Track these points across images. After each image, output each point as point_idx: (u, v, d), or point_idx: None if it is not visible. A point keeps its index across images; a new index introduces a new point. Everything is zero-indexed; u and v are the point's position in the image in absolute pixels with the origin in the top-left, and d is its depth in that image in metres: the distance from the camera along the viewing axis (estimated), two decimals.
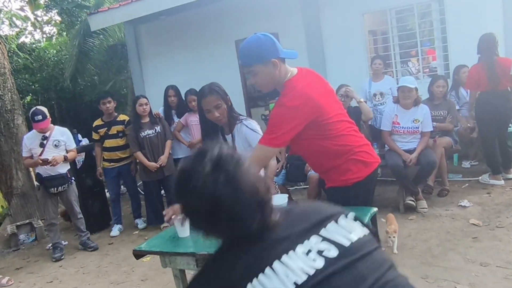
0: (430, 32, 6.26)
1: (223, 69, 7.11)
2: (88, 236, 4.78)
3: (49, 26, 13.82)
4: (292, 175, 4.60)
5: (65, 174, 4.47)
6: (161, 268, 3.34)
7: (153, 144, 4.81)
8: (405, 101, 4.21)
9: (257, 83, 2.14)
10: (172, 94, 5.15)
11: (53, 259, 4.51)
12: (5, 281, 4.09)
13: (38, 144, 4.39)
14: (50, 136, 4.43)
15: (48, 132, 4.44)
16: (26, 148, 4.44)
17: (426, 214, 4.05)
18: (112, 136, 5.03)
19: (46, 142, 4.40)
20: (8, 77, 6.17)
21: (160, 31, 7.75)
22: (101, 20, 7.33)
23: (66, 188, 4.48)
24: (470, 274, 2.86)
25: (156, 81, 7.47)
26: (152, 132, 4.81)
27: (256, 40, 2.07)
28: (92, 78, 11.49)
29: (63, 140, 4.50)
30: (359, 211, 2.19)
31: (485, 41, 4.48)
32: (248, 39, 2.09)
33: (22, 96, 9.24)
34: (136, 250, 2.18)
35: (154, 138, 4.81)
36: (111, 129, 5.04)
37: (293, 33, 6.56)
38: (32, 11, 7.62)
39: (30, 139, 4.46)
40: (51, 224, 4.54)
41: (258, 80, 2.12)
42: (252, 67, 2.07)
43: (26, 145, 4.45)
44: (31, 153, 4.42)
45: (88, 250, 4.64)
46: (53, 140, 4.43)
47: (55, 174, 4.40)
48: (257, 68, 2.06)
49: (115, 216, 5.23)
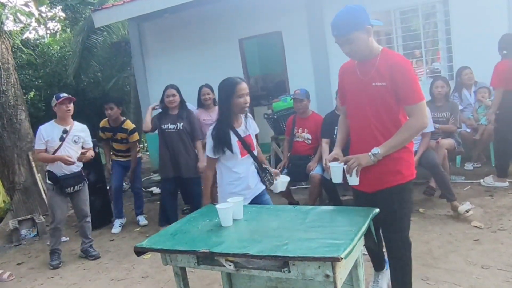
0: (434, 33, 6.25)
1: (227, 67, 7.10)
2: (92, 243, 4.45)
3: (53, 22, 13.84)
4: (294, 175, 4.59)
5: (80, 172, 4.23)
6: (162, 266, 3.36)
7: (173, 140, 4.44)
8: None
9: (352, 51, 2.22)
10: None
11: (50, 267, 4.20)
12: (6, 276, 4.09)
13: (58, 137, 4.07)
14: (70, 131, 4.14)
15: (69, 126, 4.16)
16: (43, 140, 4.04)
17: (427, 216, 4.04)
18: (117, 140, 5.15)
19: (66, 136, 4.11)
20: (11, 73, 6.18)
21: (164, 28, 7.75)
22: (105, 17, 7.34)
23: (81, 188, 4.26)
24: (471, 277, 2.85)
25: (159, 79, 7.48)
26: (173, 127, 4.46)
27: (351, 10, 2.19)
28: (96, 75, 11.51)
29: (83, 137, 4.24)
30: (360, 212, 2.19)
31: (510, 40, 4.40)
32: (342, 11, 2.21)
33: (25, 92, 9.24)
34: (137, 247, 2.17)
35: (174, 133, 4.45)
36: (116, 134, 5.11)
37: (297, 32, 6.56)
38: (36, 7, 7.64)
39: (48, 131, 4.08)
40: (56, 228, 4.22)
41: (353, 47, 2.20)
42: (349, 35, 2.16)
43: (43, 136, 4.05)
44: (46, 145, 4.06)
45: (90, 259, 4.31)
46: (73, 135, 4.15)
47: (71, 173, 4.14)
48: (354, 36, 2.16)
49: (116, 209, 5.20)
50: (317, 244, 1.81)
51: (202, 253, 1.94)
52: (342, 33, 2.18)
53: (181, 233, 2.23)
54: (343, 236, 1.87)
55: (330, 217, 2.18)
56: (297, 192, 5.36)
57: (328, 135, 4.44)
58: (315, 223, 2.11)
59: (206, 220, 2.38)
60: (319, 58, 6.40)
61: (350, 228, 1.95)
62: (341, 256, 1.67)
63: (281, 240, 1.92)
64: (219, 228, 2.22)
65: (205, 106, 4.88)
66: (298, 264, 1.78)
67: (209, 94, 4.81)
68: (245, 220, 2.31)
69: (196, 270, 3.29)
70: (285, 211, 2.42)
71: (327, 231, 1.96)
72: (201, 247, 1.96)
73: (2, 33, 6.17)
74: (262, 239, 1.97)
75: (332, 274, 1.72)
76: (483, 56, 4.81)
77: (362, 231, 1.95)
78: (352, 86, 2.37)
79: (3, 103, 6.01)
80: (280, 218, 2.27)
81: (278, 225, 2.15)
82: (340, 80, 2.49)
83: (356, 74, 2.31)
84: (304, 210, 2.34)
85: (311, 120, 4.64)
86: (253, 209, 2.49)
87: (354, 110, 2.39)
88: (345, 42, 2.19)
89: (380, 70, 2.21)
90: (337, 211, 2.29)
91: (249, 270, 1.92)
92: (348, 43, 2.18)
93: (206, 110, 4.86)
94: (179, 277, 2.28)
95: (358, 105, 2.33)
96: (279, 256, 1.78)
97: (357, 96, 2.32)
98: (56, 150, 4.07)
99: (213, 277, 3.29)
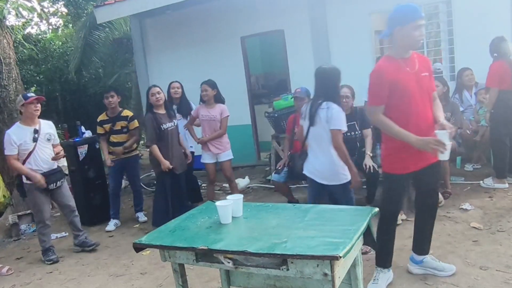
0: (437, 34, 6.23)
1: (228, 65, 7.11)
2: (86, 235, 4.49)
3: (55, 17, 13.84)
4: (294, 174, 4.59)
5: (59, 169, 4.24)
6: (160, 262, 3.36)
7: (173, 136, 4.53)
8: None
9: (422, 35, 2.59)
10: (176, 86, 5.16)
11: (48, 262, 4.18)
12: (5, 271, 4.10)
13: (31, 139, 4.01)
14: (40, 130, 4.09)
15: (37, 126, 4.09)
16: (14, 144, 3.93)
17: None
18: (117, 131, 5.04)
19: (38, 136, 4.05)
20: (13, 67, 6.19)
21: (166, 25, 7.74)
22: (107, 13, 7.33)
23: (62, 183, 4.25)
24: (469, 278, 2.85)
25: (161, 76, 7.48)
26: (171, 125, 4.54)
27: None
28: (97, 71, 11.50)
29: (53, 134, 4.21)
30: (360, 211, 2.20)
31: (500, 43, 4.43)
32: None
33: (26, 87, 9.25)
34: (136, 243, 2.18)
35: (174, 130, 4.56)
36: (116, 124, 5.04)
37: (299, 30, 6.55)
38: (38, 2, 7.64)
39: (18, 134, 3.98)
40: (45, 225, 4.21)
41: (423, 32, 2.59)
42: (423, 19, 2.56)
43: (13, 141, 3.93)
44: (18, 150, 3.96)
45: (89, 248, 4.37)
46: (45, 134, 4.12)
47: (51, 169, 4.12)
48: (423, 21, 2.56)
49: (113, 210, 5.19)
50: (316, 242, 1.82)
51: (201, 250, 1.95)
52: (420, 16, 2.54)
53: (180, 230, 2.24)
54: (342, 235, 1.87)
55: (330, 216, 2.18)
56: (297, 190, 5.37)
57: None
58: (314, 221, 2.11)
59: (206, 217, 2.38)
60: (321, 56, 6.38)
61: (349, 227, 1.95)
62: (340, 254, 1.67)
63: (280, 238, 1.92)
64: (218, 225, 2.23)
65: (206, 102, 4.86)
66: (296, 262, 1.78)
67: (207, 91, 4.75)
68: (244, 218, 2.32)
69: (194, 267, 3.30)
70: (285, 209, 2.42)
71: (326, 229, 1.97)
72: (200, 244, 1.97)
73: (4, 28, 6.17)
74: (261, 237, 1.97)
75: (330, 273, 1.73)
76: (486, 57, 4.79)
77: (361, 230, 1.96)
78: (407, 80, 2.62)
79: (4, 97, 6.02)
80: (279, 216, 2.27)
81: (278, 223, 2.16)
82: (387, 81, 2.60)
83: (405, 70, 2.62)
84: (303, 209, 2.34)
85: None
86: (252, 207, 2.49)
87: (412, 99, 2.62)
88: (420, 27, 2.54)
89: (421, 63, 2.68)
90: (337, 210, 2.30)
91: (248, 268, 1.93)
92: (423, 27, 2.57)
93: (206, 106, 4.84)
94: (177, 274, 2.28)
95: (415, 95, 2.62)
96: (277, 254, 1.78)
97: (413, 88, 2.62)
98: (30, 152, 4.01)
99: (212, 274, 3.30)
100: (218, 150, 4.76)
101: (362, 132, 4.39)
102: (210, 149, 4.74)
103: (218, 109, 4.75)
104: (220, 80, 4.98)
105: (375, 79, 2.67)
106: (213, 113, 4.74)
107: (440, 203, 4.22)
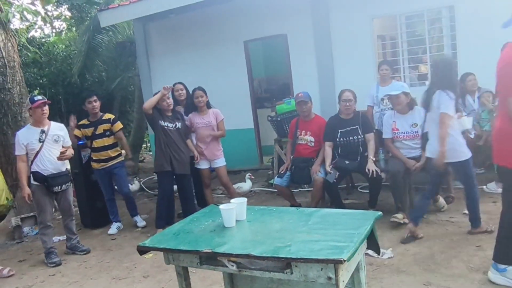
0: (440, 39, 6.24)
1: (231, 69, 7.13)
2: (78, 239, 4.54)
3: (59, 21, 13.89)
4: (297, 177, 4.59)
5: (67, 172, 4.29)
6: (163, 266, 3.36)
7: (171, 137, 4.54)
8: (397, 107, 4.19)
9: None
10: (179, 88, 5.10)
11: (51, 265, 4.20)
12: (6, 272, 4.11)
13: (37, 139, 4.10)
14: (48, 131, 4.18)
15: (46, 127, 4.19)
16: (22, 145, 4.09)
17: (430, 221, 4.03)
18: (100, 135, 4.96)
19: (45, 137, 4.14)
20: (17, 70, 6.20)
21: (169, 29, 7.78)
22: (110, 17, 7.38)
23: (68, 187, 4.31)
24: (473, 282, 2.84)
25: (164, 79, 7.49)
26: (172, 126, 4.56)
27: None
28: (100, 74, 11.54)
29: (62, 136, 4.27)
30: (363, 215, 2.20)
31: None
32: None
33: (30, 90, 9.27)
34: (140, 246, 2.18)
35: (174, 131, 4.57)
36: (98, 128, 4.96)
37: (302, 34, 6.58)
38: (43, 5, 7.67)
39: (25, 134, 4.14)
40: (47, 226, 4.27)
41: None
42: None
43: (21, 142, 4.08)
44: (26, 150, 4.11)
45: (80, 253, 4.40)
46: (53, 135, 4.18)
47: (59, 172, 4.17)
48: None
49: (112, 215, 5.18)
50: (320, 246, 1.82)
51: (205, 253, 1.95)
52: None
53: (184, 233, 2.24)
54: (346, 238, 1.87)
55: (333, 219, 2.18)
56: (299, 194, 5.36)
57: (331, 138, 4.43)
58: (318, 225, 2.11)
59: (209, 221, 2.39)
60: (324, 61, 6.41)
61: (353, 231, 1.95)
62: (344, 258, 1.67)
63: (284, 241, 1.92)
64: (222, 228, 2.23)
65: (198, 109, 4.84)
66: (300, 265, 1.78)
67: (202, 97, 4.74)
68: (248, 221, 2.32)
69: (197, 271, 3.29)
70: (288, 213, 2.42)
71: (330, 233, 1.97)
72: (204, 247, 1.97)
73: (8, 31, 6.19)
74: (265, 240, 1.97)
75: (334, 277, 1.73)
76: (488, 62, 4.76)
77: (365, 234, 1.95)
78: None
79: (8, 100, 6.03)
80: (283, 220, 2.27)
81: (281, 227, 2.16)
82: None
83: None
84: (307, 212, 2.34)
85: (314, 123, 4.64)
86: (255, 211, 2.50)
87: None
88: None
89: None
90: (340, 214, 2.30)
91: (252, 271, 1.93)
92: None
93: (199, 113, 4.83)
94: (181, 277, 2.28)
95: None
96: (282, 257, 1.78)
97: None
98: (37, 152, 4.10)
99: (215, 277, 3.29)
100: (213, 156, 4.80)
101: (364, 136, 4.39)
102: (205, 154, 4.79)
103: (212, 114, 4.78)
104: (223, 84, 5.02)
105: None
106: (207, 119, 4.77)
107: (443, 208, 4.24)
